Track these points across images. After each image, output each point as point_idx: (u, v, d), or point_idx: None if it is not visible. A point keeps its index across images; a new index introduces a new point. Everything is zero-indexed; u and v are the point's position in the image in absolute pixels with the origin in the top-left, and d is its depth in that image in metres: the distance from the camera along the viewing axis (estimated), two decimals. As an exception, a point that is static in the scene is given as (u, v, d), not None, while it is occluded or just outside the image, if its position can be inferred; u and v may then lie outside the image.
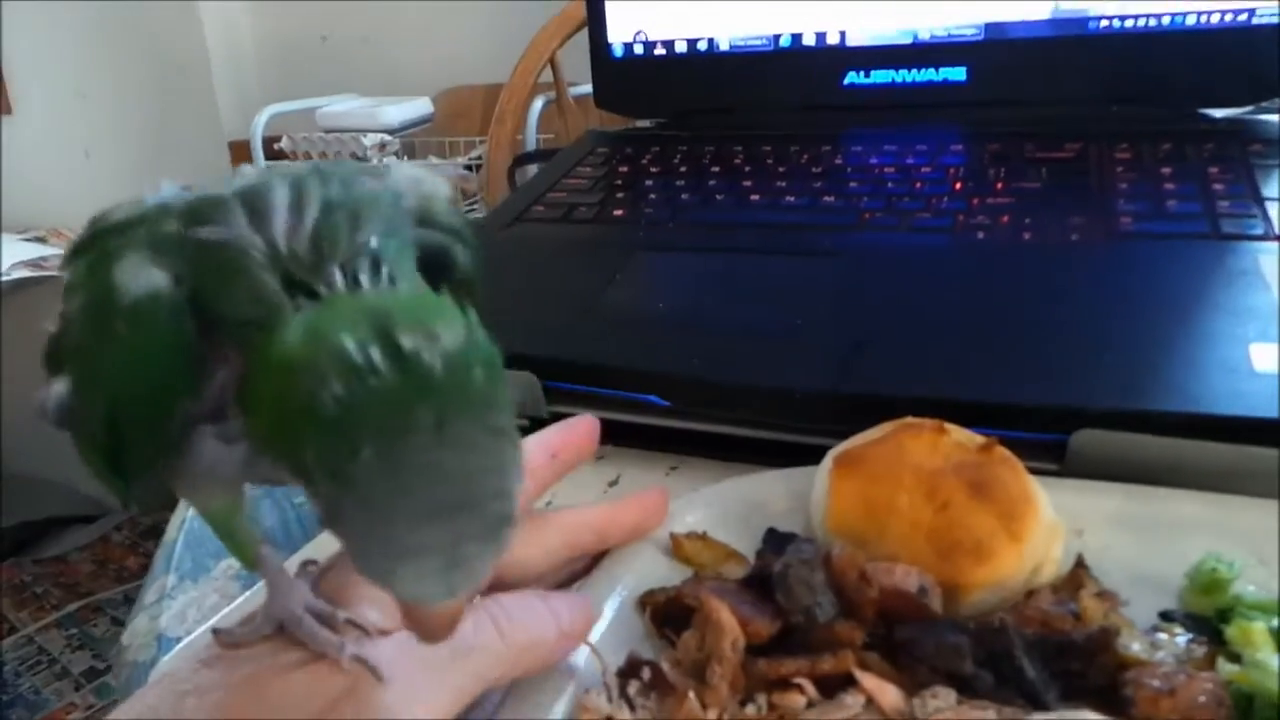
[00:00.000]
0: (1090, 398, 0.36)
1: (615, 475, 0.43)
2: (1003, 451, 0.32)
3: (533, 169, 0.89)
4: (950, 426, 0.34)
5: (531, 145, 1.25)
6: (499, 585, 0.28)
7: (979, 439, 0.33)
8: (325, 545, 0.32)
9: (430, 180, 0.24)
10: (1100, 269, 0.45)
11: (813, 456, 0.37)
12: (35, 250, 1.84)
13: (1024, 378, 0.38)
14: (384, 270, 0.19)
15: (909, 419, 0.34)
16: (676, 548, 0.33)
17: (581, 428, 0.34)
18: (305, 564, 0.31)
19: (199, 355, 0.20)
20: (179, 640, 0.33)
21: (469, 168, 1.68)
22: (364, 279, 0.19)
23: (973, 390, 0.37)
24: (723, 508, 0.35)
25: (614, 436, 0.37)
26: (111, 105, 1.82)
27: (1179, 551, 0.31)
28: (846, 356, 0.40)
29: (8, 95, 1.89)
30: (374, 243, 0.20)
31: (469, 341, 0.17)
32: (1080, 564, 0.31)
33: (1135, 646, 0.27)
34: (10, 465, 2.28)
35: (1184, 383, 0.36)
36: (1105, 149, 0.56)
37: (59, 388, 0.22)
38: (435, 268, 0.22)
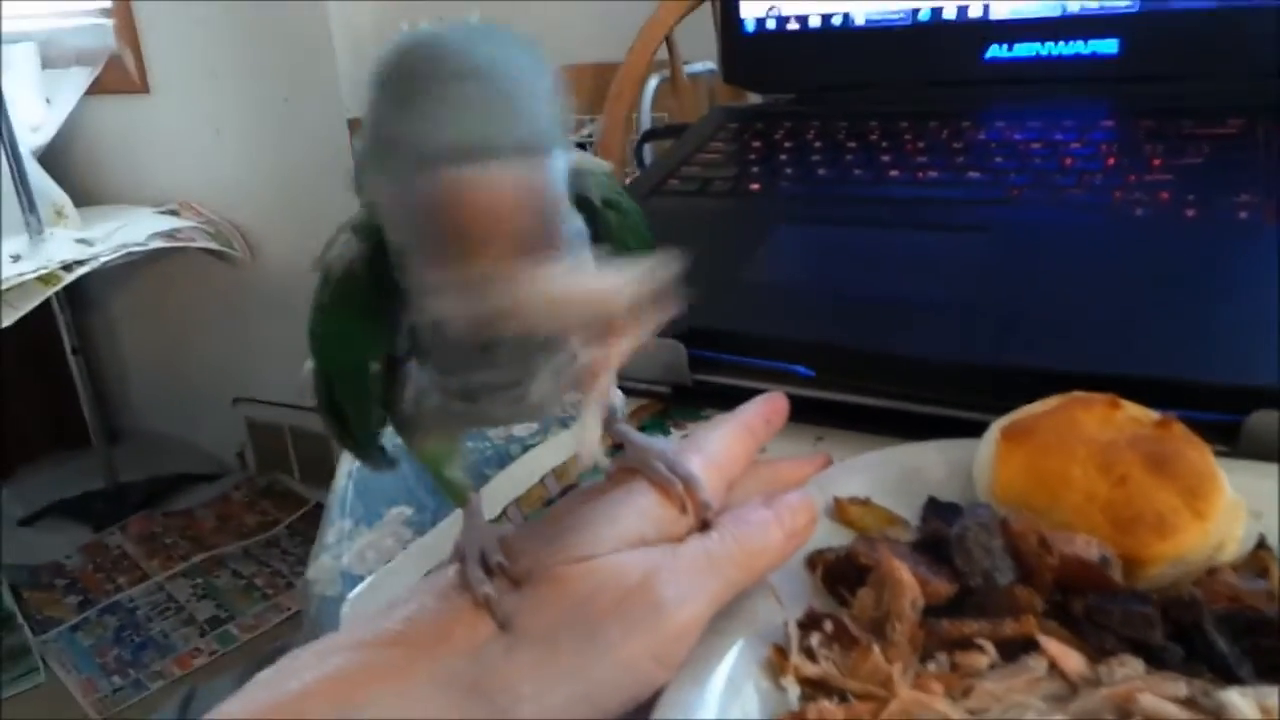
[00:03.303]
0: (1269, 377, 0.35)
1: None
2: (1182, 428, 0.31)
3: (655, 146, 0.90)
4: (1123, 401, 0.33)
5: (646, 123, 1.26)
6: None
7: (1154, 415, 0.32)
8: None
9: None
10: (1273, 247, 0.43)
11: (959, 431, 0.36)
12: (169, 222, 1.95)
13: (1195, 355, 0.37)
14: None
15: (1078, 393, 0.34)
16: (840, 511, 0.33)
17: (779, 401, 0.36)
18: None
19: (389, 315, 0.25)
20: (361, 578, 0.36)
21: (580, 145, 1.70)
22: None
23: (1141, 366, 0.36)
24: (880, 474, 0.35)
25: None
26: (241, 85, 1.90)
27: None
28: (1003, 328, 0.40)
29: (147, 76, 2.00)
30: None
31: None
32: (1263, 544, 0.30)
33: (1335, 627, 0.26)
34: (142, 424, 2.44)
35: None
36: (1273, 125, 0.53)
37: (307, 366, 0.27)
38: None
